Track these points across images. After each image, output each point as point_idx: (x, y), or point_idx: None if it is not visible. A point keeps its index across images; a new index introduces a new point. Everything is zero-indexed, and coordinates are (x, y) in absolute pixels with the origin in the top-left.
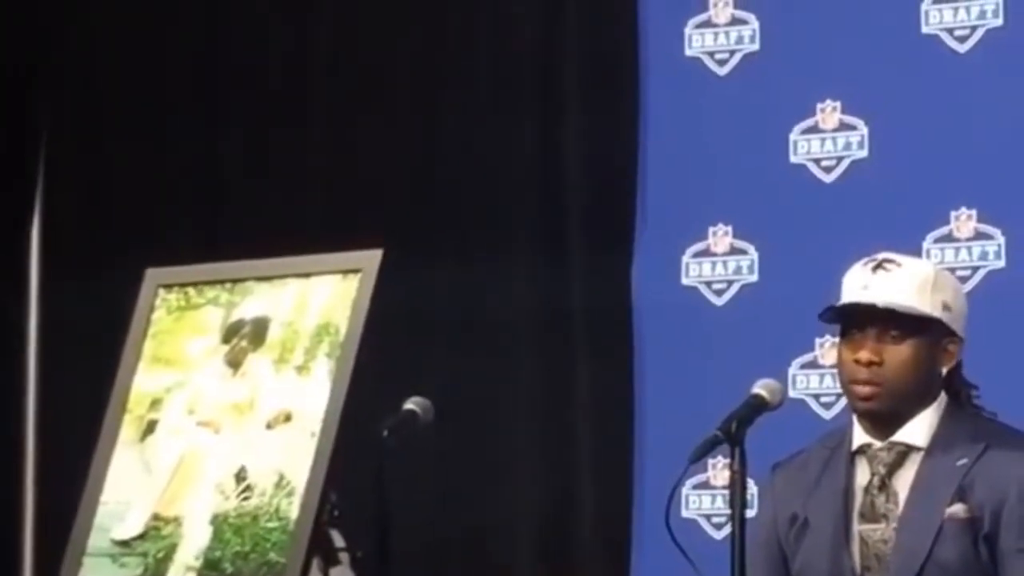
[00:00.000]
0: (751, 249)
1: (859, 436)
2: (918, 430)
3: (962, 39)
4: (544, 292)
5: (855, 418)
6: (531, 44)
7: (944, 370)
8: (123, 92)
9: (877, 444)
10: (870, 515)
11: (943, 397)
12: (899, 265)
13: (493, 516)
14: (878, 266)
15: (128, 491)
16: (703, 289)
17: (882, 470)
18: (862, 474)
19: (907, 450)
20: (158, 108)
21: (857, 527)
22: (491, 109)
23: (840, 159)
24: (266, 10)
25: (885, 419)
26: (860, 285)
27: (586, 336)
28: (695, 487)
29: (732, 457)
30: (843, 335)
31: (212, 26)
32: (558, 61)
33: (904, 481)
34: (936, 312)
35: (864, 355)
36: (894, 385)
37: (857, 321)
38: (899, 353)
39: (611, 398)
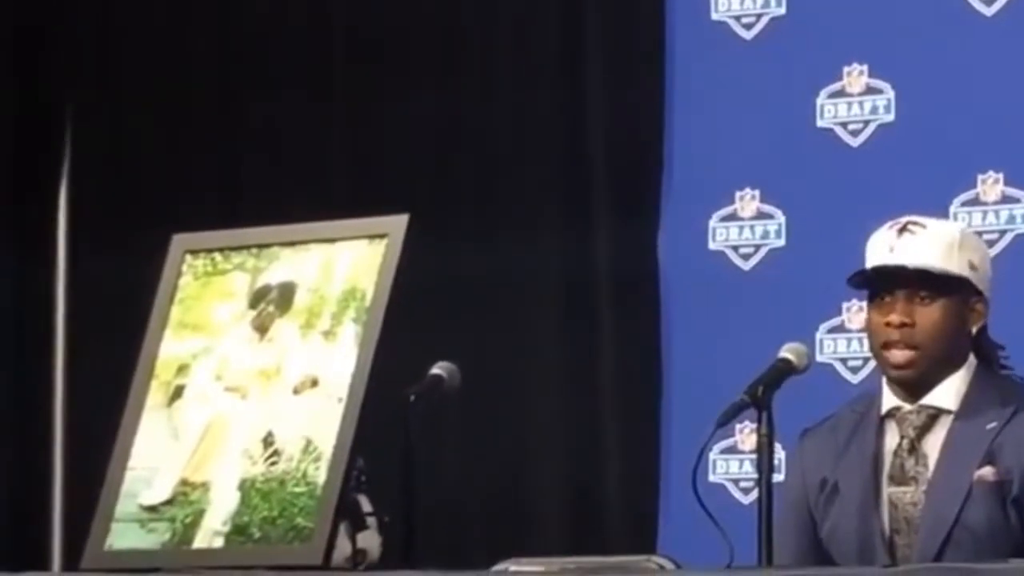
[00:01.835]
0: (778, 213)
1: (888, 399)
2: (948, 393)
3: (989, 2)
4: (571, 258)
5: (884, 381)
6: (555, 9)
7: (973, 330)
8: (147, 62)
9: (907, 407)
10: (899, 478)
11: (972, 359)
12: (924, 227)
13: (519, 479)
14: (903, 228)
15: (156, 457)
16: (730, 254)
17: (912, 433)
18: (891, 437)
19: (937, 413)
20: (182, 77)
21: (887, 490)
22: (515, 73)
23: (867, 123)
24: None
25: (918, 382)
26: (886, 248)
27: (613, 301)
28: (722, 452)
29: (759, 421)
30: (871, 299)
31: None
32: (583, 25)
33: (933, 444)
34: (964, 272)
35: (895, 317)
36: (928, 347)
37: (886, 284)
38: (930, 314)
39: (638, 363)
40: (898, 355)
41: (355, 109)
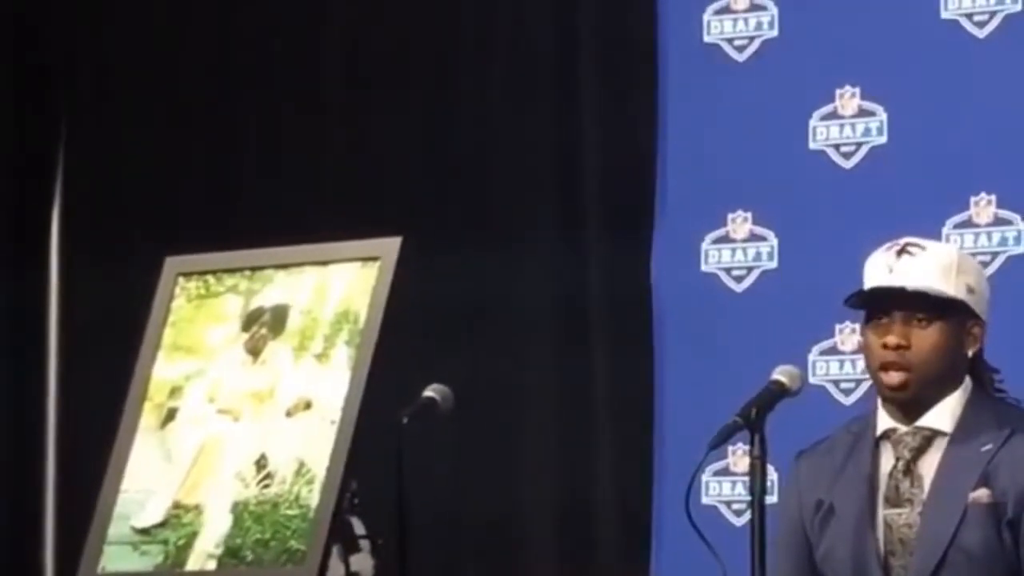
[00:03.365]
0: (770, 235)
1: (884, 421)
2: (943, 415)
3: (981, 24)
4: (563, 279)
5: (879, 403)
6: (549, 30)
7: (969, 353)
8: (141, 81)
9: (902, 428)
10: (894, 499)
11: (968, 382)
12: (923, 249)
13: (512, 503)
14: (902, 250)
15: (148, 479)
16: (723, 276)
17: (907, 454)
18: (887, 459)
19: (932, 435)
20: (176, 97)
21: (882, 512)
22: (509, 96)
23: (859, 145)
24: None
25: (914, 404)
26: (885, 269)
27: (605, 323)
28: (715, 474)
29: (752, 443)
30: (868, 320)
31: (229, 15)
32: (577, 48)
33: (929, 466)
34: (961, 295)
35: (892, 339)
36: (923, 369)
37: (883, 305)
38: (927, 337)
39: (630, 384)
40: (894, 376)
41: (349, 129)
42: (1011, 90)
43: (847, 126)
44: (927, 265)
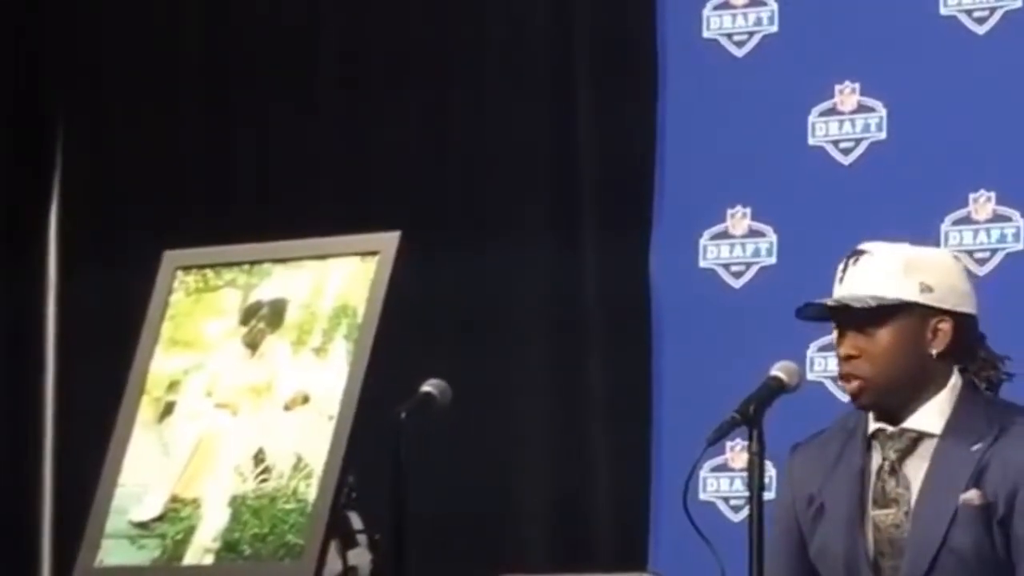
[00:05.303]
0: (769, 231)
1: (874, 420)
2: (931, 416)
3: (981, 20)
4: (561, 274)
5: None
6: (547, 25)
7: (935, 351)
8: (136, 81)
9: (890, 429)
10: (881, 500)
11: (956, 380)
12: (870, 255)
13: (510, 499)
14: (851, 257)
15: (146, 473)
16: (721, 271)
17: (893, 455)
18: (876, 458)
19: (919, 436)
20: (171, 95)
21: (870, 512)
22: (506, 92)
23: (858, 141)
24: None
25: (882, 410)
26: (838, 279)
27: (603, 319)
28: (713, 470)
29: (750, 439)
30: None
31: (224, 11)
32: (575, 43)
33: (915, 467)
34: (910, 296)
35: (841, 350)
36: (876, 376)
37: (831, 317)
38: (874, 344)
39: (628, 380)
40: (850, 386)
41: (345, 128)
42: (1011, 87)
43: (846, 122)
44: (869, 271)
